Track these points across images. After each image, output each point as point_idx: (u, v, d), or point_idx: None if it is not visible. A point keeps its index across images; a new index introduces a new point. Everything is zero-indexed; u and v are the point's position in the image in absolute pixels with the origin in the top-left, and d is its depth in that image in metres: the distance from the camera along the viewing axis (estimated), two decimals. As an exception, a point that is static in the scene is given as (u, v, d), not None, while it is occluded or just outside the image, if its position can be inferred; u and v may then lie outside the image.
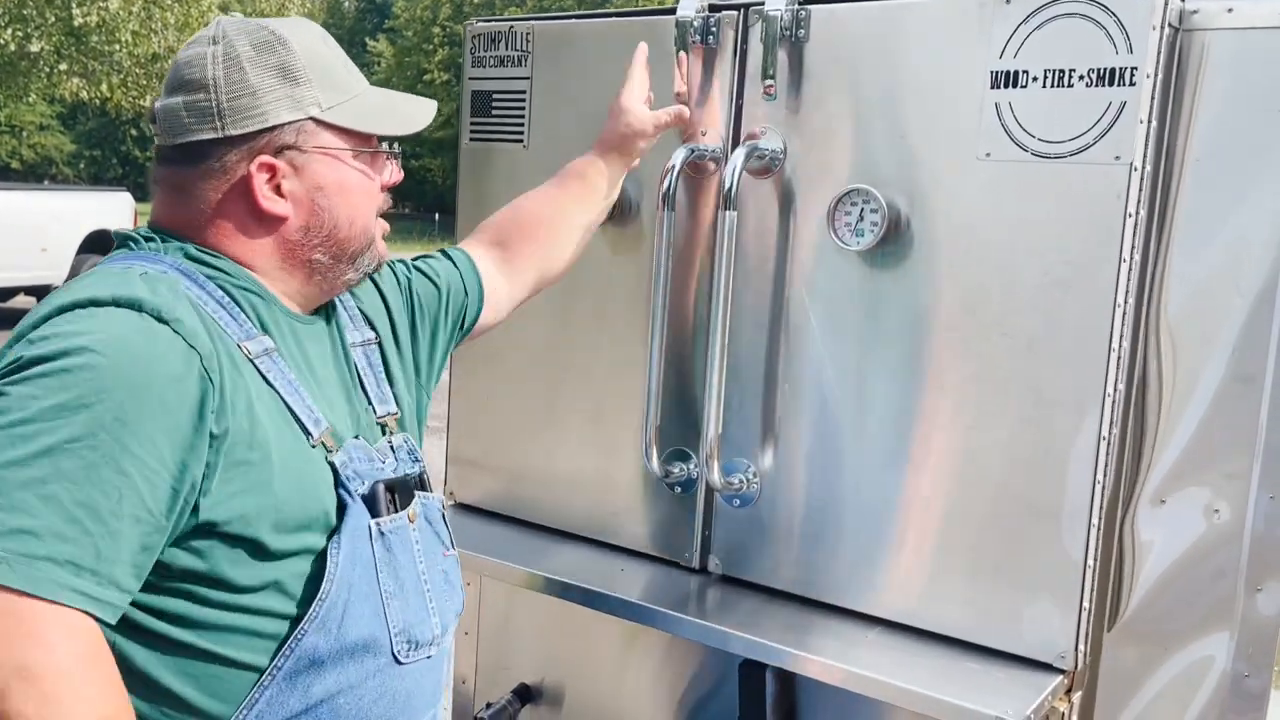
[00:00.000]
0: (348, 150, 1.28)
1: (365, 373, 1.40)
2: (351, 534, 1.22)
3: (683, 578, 1.86)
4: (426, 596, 1.32)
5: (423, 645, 1.30)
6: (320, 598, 1.19)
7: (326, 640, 1.19)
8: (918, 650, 1.61)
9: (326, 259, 1.29)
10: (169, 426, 1.07)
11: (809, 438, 1.73)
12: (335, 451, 1.25)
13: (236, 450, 1.13)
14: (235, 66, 1.21)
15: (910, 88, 1.59)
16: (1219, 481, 1.54)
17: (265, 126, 1.22)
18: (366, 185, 1.31)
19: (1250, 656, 1.54)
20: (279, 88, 1.22)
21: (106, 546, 1.03)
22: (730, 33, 1.75)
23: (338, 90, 1.27)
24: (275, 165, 1.23)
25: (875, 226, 1.60)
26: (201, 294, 1.20)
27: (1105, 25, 1.43)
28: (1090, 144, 1.46)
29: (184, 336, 1.11)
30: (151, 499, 1.06)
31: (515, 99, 2.01)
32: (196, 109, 1.22)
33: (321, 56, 1.27)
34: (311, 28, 1.31)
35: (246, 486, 1.14)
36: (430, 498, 1.39)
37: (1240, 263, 1.51)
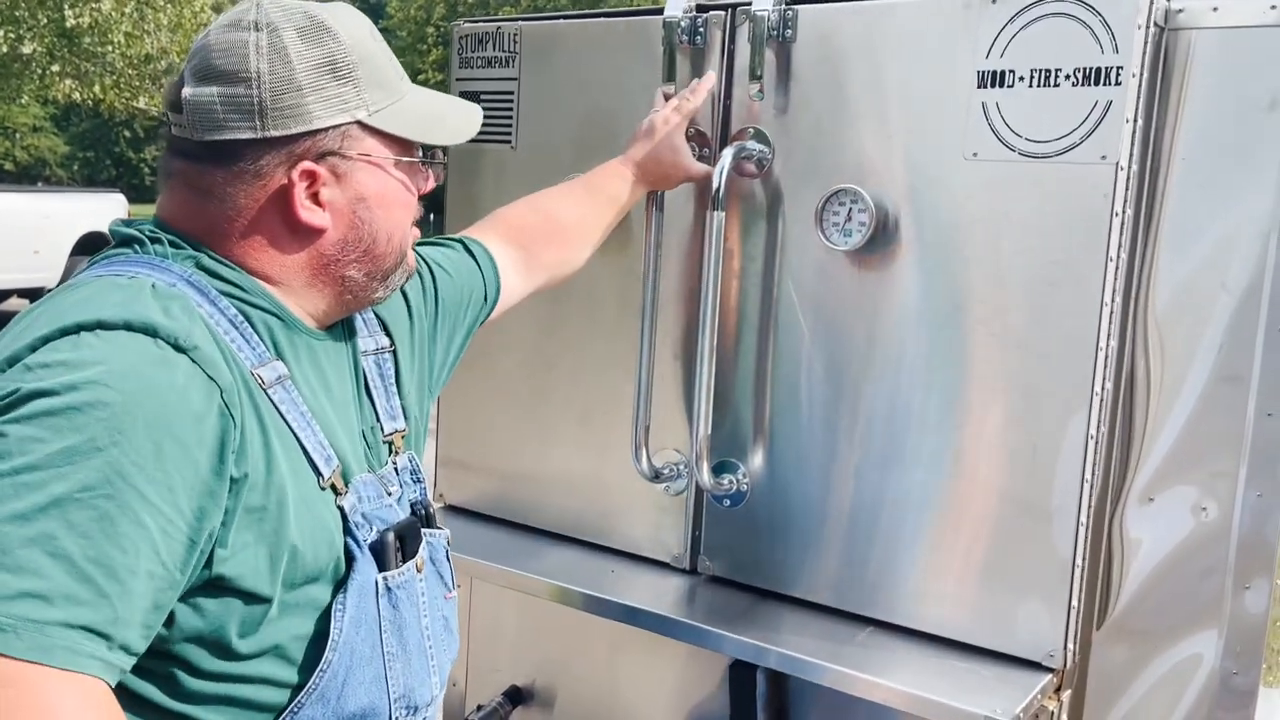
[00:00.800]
0: (391, 158, 1.15)
1: (375, 384, 1.28)
2: (358, 592, 1.10)
3: (673, 579, 1.86)
4: (429, 655, 1.21)
5: (421, 709, 1.20)
6: (321, 668, 1.08)
7: (324, 712, 1.08)
8: (908, 650, 1.62)
9: (360, 276, 1.17)
10: (188, 470, 0.95)
11: (799, 437, 1.73)
12: (345, 493, 1.13)
13: (253, 496, 1.01)
14: (281, 58, 1.06)
15: (897, 87, 1.59)
16: (1206, 480, 1.54)
17: (310, 129, 1.08)
18: (405, 197, 1.19)
19: (1238, 654, 1.54)
20: (328, 85, 1.08)
21: (123, 607, 0.91)
22: (718, 33, 1.75)
23: (386, 91, 1.14)
24: (317, 172, 1.10)
25: (863, 226, 1.60)
26: (214, 312, 1.06)
27: (1091, 25, 1.43)
28: (1077, 143, 1.46)
29: (203, 367, 0.99)
30: (167, 553, 0.93)
31: (503, 100, 2.01)
32: (234, 103, 1.06)
33: (371, 51, 1.13)
34: (356, 15, 1.15)
35: (260, 536, 1.02)
36: (436, 535, 1.27)
37: (1227, 261, 1.51)
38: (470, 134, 1.27)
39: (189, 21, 14.61)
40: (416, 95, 1.20)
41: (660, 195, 1.75)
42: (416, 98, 1.20)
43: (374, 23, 1.17)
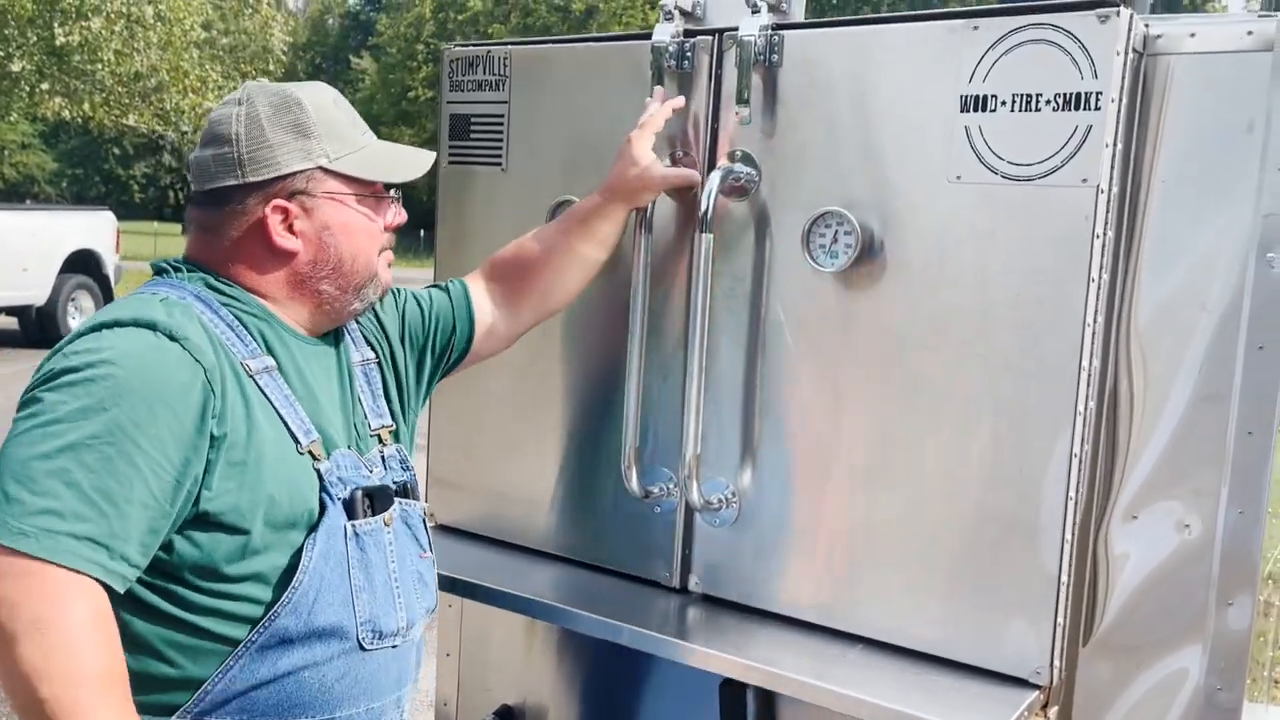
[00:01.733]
0: (351, 195, 1.46)
1: (363, 389, 1.58)
2: (327, 532, 1.39)
3: (663, 597, 1.87)
4: (395, 593, 1.47)
5: (387, 635, 1.45)
6: (294, 586, 1.35)
7: (297, 623, 1.36)
8: (896, 667, 1.63)
9: (333, 290, 1.47)
10: (175, 428, 1.26)
11: (787, 457, 1.74)
12: (322, 460, 1.41)
13: (234, 452, 1.31)
14: (255, 124, 1.42)
15: (882, 111, 1.61)
16: (1189, 497, 1.56)
17: (279, 174, 1.41)
18: (368, 226, 1.49)
19: (1223, 670, 1.55)
20: (292, 141, 1.42)
21: (119, 526, 1.22)
22: (705, 57, 1.77)
23: (344, 143, 1.46)
24: (288, 207, 1.42)
25: (849, 248, 1.62)
26: (214, 317, 1.38)
27: (1070, 51, 1.46)
28: (1058, 167, 1.48)
29: (191, 352, 1.30)
30: (158, 488, 1.25)
31: (493, 122, 2.03)
32: (222, 160, 1.42)
33: (331, 114, 1.47)
34: (325, 90, 1.51)
35: (241, 484, 1.32)
36: (412, 505, 1.54)
37: (1207, 282, 1.53)
38: (417, 173, 1.55)
39: (178, 40, 14.66)
40: (375, 146, 1.52)
41: (649, 217, 1.77)
42: (375, 148, 1.52)
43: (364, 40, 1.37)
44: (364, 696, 1.43)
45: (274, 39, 16.94)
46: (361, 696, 1.43)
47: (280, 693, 1.36)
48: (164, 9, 14.35)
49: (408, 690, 1.53)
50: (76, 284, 11.55)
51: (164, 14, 14.39)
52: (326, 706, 1.40)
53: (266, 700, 1.36)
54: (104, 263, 11.87)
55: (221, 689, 1.34)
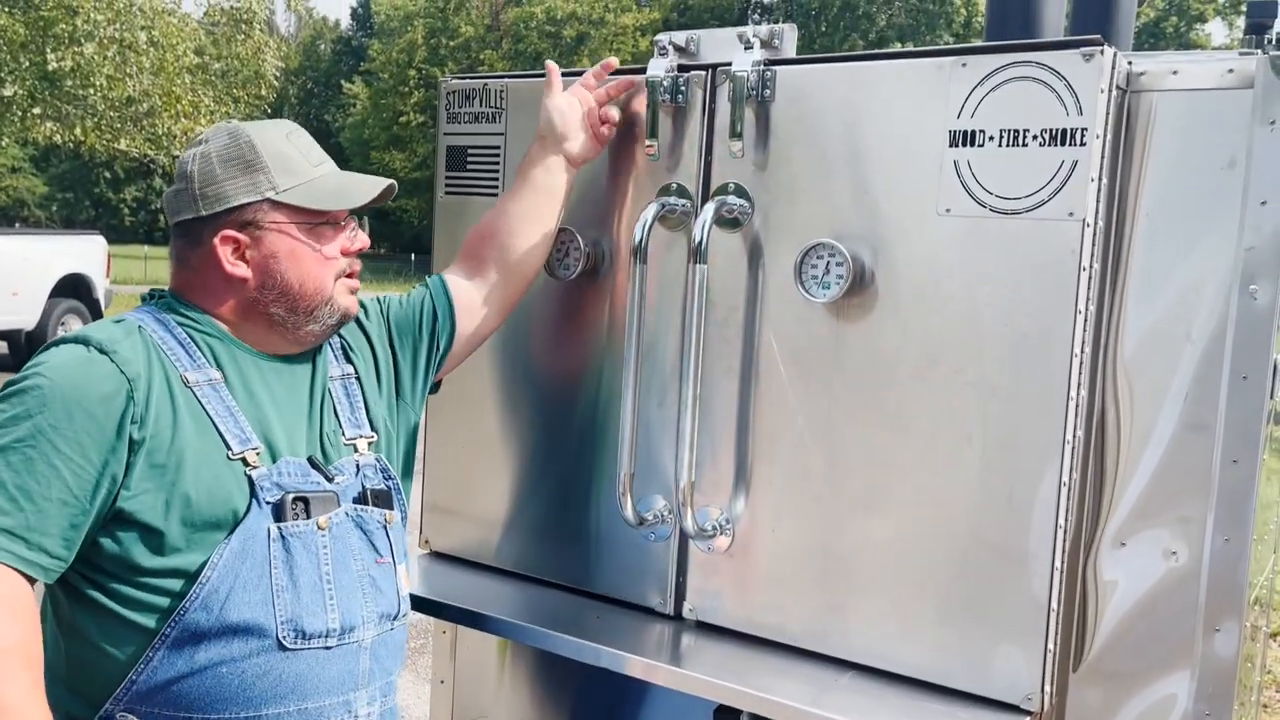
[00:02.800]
0: (294, 224, 1.56)
1: (340, 402, 1.66)
2: (245, 533, 1.47)
3: (657, 624, 1.88)
4: (326, 594, 1.51)
5: (313, 636, 1.50)
6: (201, 581, 1.44)
7: (208, 618, 1.44)
8: (889, 694, 1.64)
9: (283, 312, 1.57)
10: (95, 432, 1.39)
11: (780, 484, 1.76)
12: (258, 466, 1.50)
13: (155, 455, 1.43)
14: (208, 162, 1.54)
15: (873, 145, 1.65)
16: (1176, 524, 1.59)
17: (228, 207, 1.53)
18: (315, 253, 1.58)
19: (1210, 696, 1.57)
20: (240, 176, 1.54)
21: (36, 520, 1.36)
22: (699, 92, 1.80)
23: (293, 176, 1.56)
24: (238, 238, 1.54)
25: (841, 279, 1.65)
26: (165, 335, 1.52)
27: (1056, 88, 1.49)
28: (1045, 200, 1.51)
29: (118, 364, 1.43)
30: (77, 487, 1.38)
31: (490, 154, 2.06)
32: (182, 196, 1.56)
33: (281, 149, 1.57)
34: (281, 126, 1.62)
35: (159, 484, 1.43)
36: (369, 511, 1.60)
37: (1191, 313, 1.56)
38: (360, 201, 1.61)
39: (171, 65, 14.69)
40: (326, 177, 1.60)
41: (644, 247, 1.78)
42: (326, 179, 1.60)
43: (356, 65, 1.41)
44: (292, 695, 1.48)
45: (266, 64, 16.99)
46: (289, 696, 1.48)
47: (200, 686, 1.44)
48: (157, 34, 14.40)
49: (360, 695, 1.56)
50: (67, 308, 11.54)
51: (157, 39, 14.43)
52: (250, 703, 1.46)
53: (189, 693, 1.44)
54: (94, 287, 11.87)
55: (145, 679, 1.43)
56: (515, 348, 2.05)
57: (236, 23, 16.27)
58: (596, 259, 1.94)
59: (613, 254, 1.93)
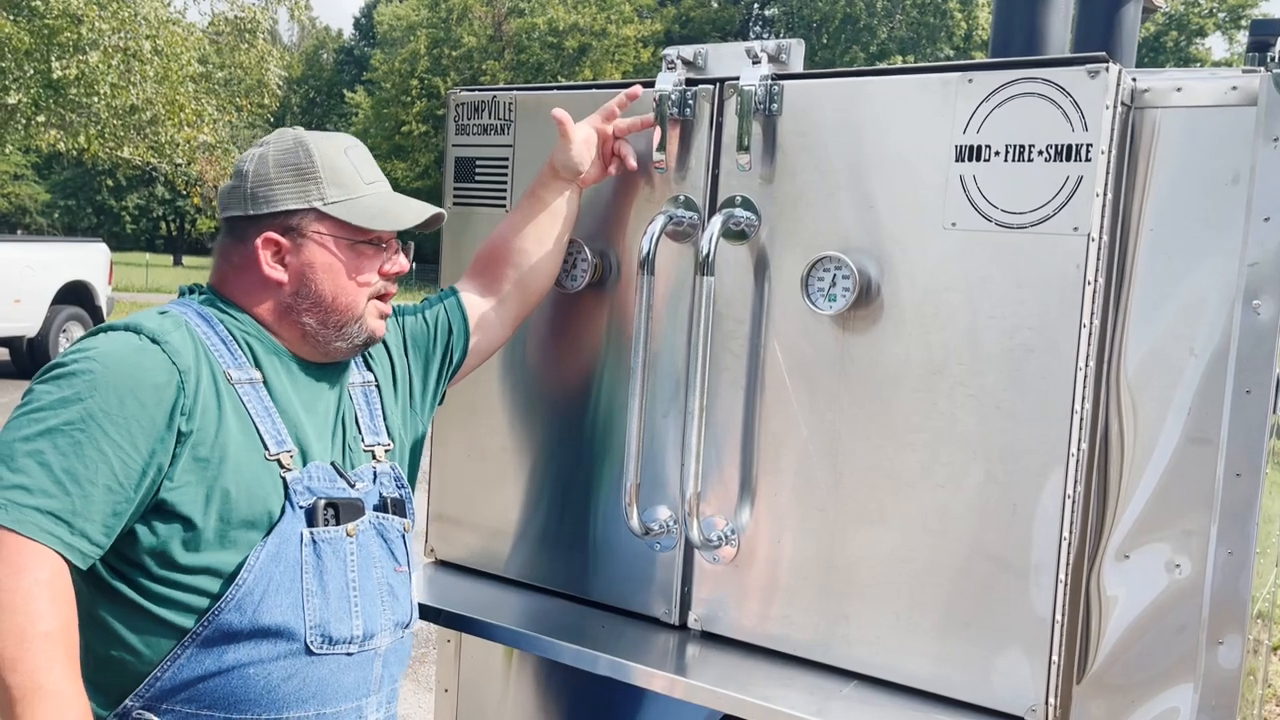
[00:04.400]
0: (336, 238, 1.57)
1: (361, 409, 1.68)
2: (280, 536, 1.47)
3: (662, 634, 1.89)
4: (352, 601, 1.53)
5: (339, 642, 1.51)
6: (237, 583, 1.44)
7: (241, 619, 1.44)
8: (892, 704, 1.65)
9: (314, 324, 1.58)
10: (144, 421, 1.38)
11: (786, 495, 1.77)
12: (292, 469, 1.50)
13: (200, 449, 1.43)
14: (264, 164, 1.56)
15: (879, 160, 1.66)
16: (1179, 538, 1.60)
17: (275, 210, 1.55)
18: (351, 270, 1.58)
19: (1214, 708, 1.58)
20: (292, 182, 1.55)
21: (81, 505, 1.35)
22: (706, 106, 1.82)
23: (343, 189, 1.57)
24: (280, 241, 1.56)
25: (847, 292, 1.66)
26: (209, 330, 1.52)
27: (1061, 104, 1.51)
28: (1050, 215, 1.53)
29: (169, 354, 1.43)
30: (123, 475, 1.37)
31: (498, 165, 2.07)
32: (234, 193, 1.58)
33: (336, 162, 1.58)
34: (339, 140, 1.62)
35: (201, 477, 1.43)
36: (390, 520, 1.62)
37: (1194, 327, 1.57)
38: (406, 224, 1.62)
39: (175, 74, 14.74)
40: (374, 196, 1.60)
41: (651, 259, 1.80)
42: (375, 198, 1.60)
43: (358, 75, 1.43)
44: (313, 700, 1.49)
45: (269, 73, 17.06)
46: (311, 700, 1.49)
47: (225, 686, 1.44)
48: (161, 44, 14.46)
49: (370, 702, 1.58)
50: (69, 315, 11.55)
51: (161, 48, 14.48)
52: (273, 705, 1.46)
53: (213, 693, 1.44)
54: (96, 294, 11.88)
55: (170, 677, 1.43)
56: (522, 358, 2.06)
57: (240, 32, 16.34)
58: (604, 270, 1.95)
59: (620, 265, 1.95)
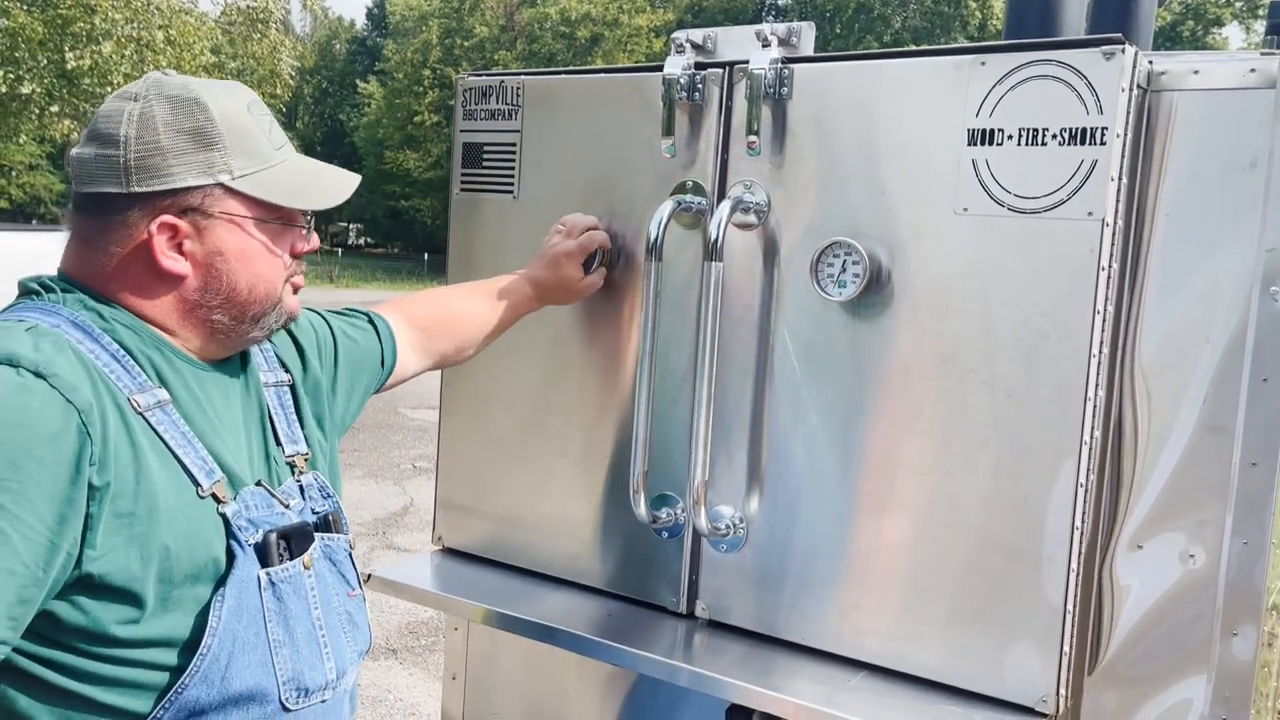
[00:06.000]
0: (252, 219, 1.30)
1: (276, 412, 1.44)
2: (238, 585, 1.24)
3: (670, 623, 1.88)
4: (321, 643, 1.34)
5: (314, 692, 1.31)
6: (201, 652, 1.21)
7: (209, 692, 1.21)
8: (902, 694, 1.63)
9: (227, 320, 1.32)
10: (46, 483, 1.10)
11: (794, 483, 1.76)
12: (228, 502, 1.26)
13: (120, 502, 1.15)
14: (149, 126, 1.24)
15: (890, 144, 1.64)
16: (1194, 528, 1.58)
17: (171, 188, 1.24)
18: (270, 254, 1.34)
19: (1227, 700, 1.56)
20: (191, 151, 1.25)
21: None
22: (715, 90, 1.80)
23: (252, 159, 1.29)
24: (178, 225, 1.26)
25: (857, 278, 1.64)
26: (95, 347, 1.22)
27: (1076, 87, 1.48)
28: (1064, 200, 1.50)
29: (61, 391, 1.13)
30: (28, 554, 1.09)
31: (506, 151, 2.06)
32: (106, 162, 1.24)
33: (242, 124, 1.29)
34: (239, 93, 1.32)
35: (130, 538, 1.16)
36: (335, 539, 1.41)
37: (1210, 314, 1.55)
38: (333, 202, 1.37)
39: (188, 64, 14.77)
40: (291, 164, 1.35)
41: (659, 245, 1.78)
42: (290, 166, 1.34)
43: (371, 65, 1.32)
44: None
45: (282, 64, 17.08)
46: None
47: None
48: (174, 34, 14.50)
49: None
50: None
51: (174, 39, 14.53)
52: None
53: None
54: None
55: None
56: (529, 345, 2.05)
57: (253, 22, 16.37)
58: (612, 256, 1.94)
59: (627, 252, 1.93)
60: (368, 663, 4.94)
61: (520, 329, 2.00)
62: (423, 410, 10.76)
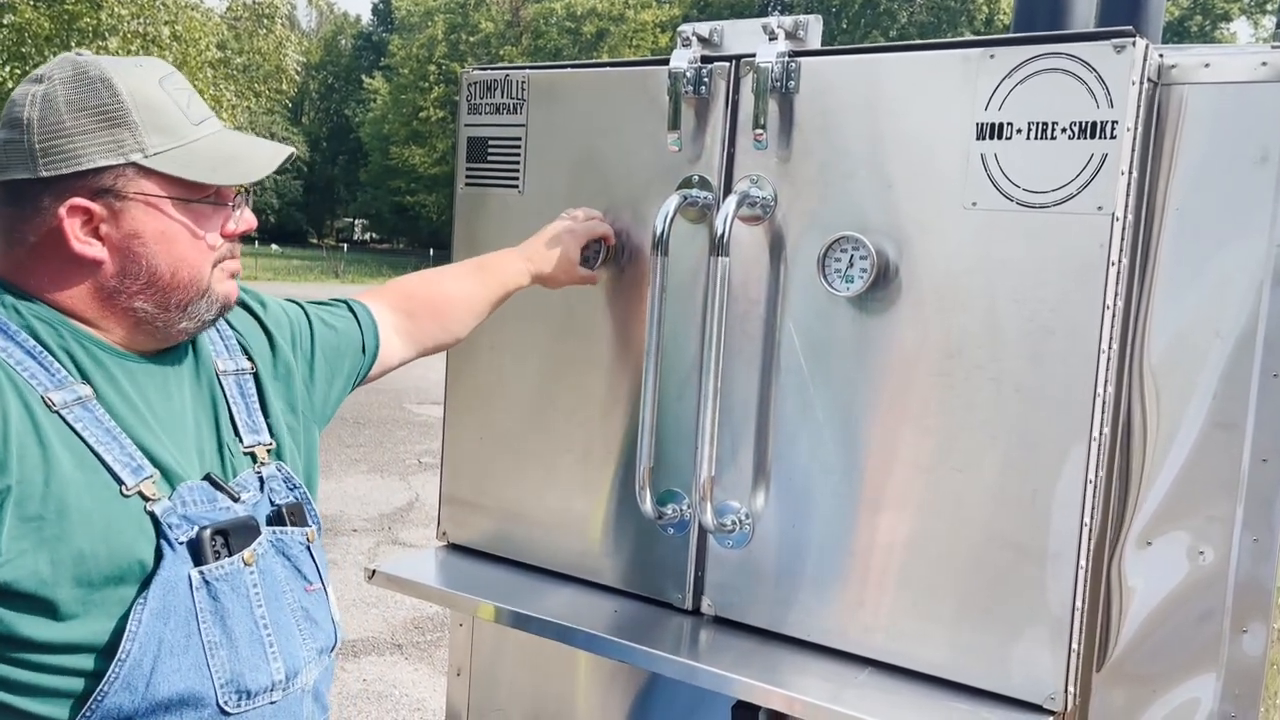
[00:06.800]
0: (170, 199, 1.24)
1: (235, 401, 1.38)
2: (163, 586, 1.19)
3: (675, 619, 1.87)
4: (265, 643, 1.28)
5: (257, 694, 1.26)
6: (120, 658, 1.16)
7: (132, 699, 1.16)
8: (908, 691, 1.63)
9: (150, 308, 1.26)
10: None
11: (800, 479, 1.75)
12: (159, 499, 1.21)
13: (27, 505, 1.12)
14: (51, 108, 1.20)
15: (898, 138, 1.63)
16: (1203, 524, 1.57)
17: (80, 170, 1.20)
18: (192, 236, 1.28)
19: (1237, 697, 1.55)
20: (97, 131, 1.20)
21: None
22: (722, 83, 1.79)
23: (168, 135, 1.24)
24: (91, 209, 1.21)
25: (864, 273, 1.63)
26: (8, 345, 1.19)
27: (1086, 80, 1.47)
28: (1073, 194, 1.49)
29: None
30: None
31: (511, 145, 2.05)
32: (14, 148, 1.21)
33: (153, 100, 1.23)
34: (151, 68, 1.27)
35: (40, 542, 1.12)
36: (289, 532, 1.35)
37: (1220, 309, 1.54)
38: (257, 175, 1.30)
39: (194, 59, 14.78)
40: (212, 140, 1.28)
41: (665, 240, 1.77)
42: (210, 142, 1.27)
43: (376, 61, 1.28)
44: None
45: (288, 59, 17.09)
46: None
47: None
48: (180, 29, 14.50)
49: None
50: None
51: (180, 34, 14.53)
52: None
53: None
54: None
55: None
56: (534, 340, 2.04)
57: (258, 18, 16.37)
58: (617, 251, 1.93)
59: (633, 247, 1.92)
60: (373, 658, 4.95)
61: (525, 325, 1.99)
62: (428, 405, 10.77)
